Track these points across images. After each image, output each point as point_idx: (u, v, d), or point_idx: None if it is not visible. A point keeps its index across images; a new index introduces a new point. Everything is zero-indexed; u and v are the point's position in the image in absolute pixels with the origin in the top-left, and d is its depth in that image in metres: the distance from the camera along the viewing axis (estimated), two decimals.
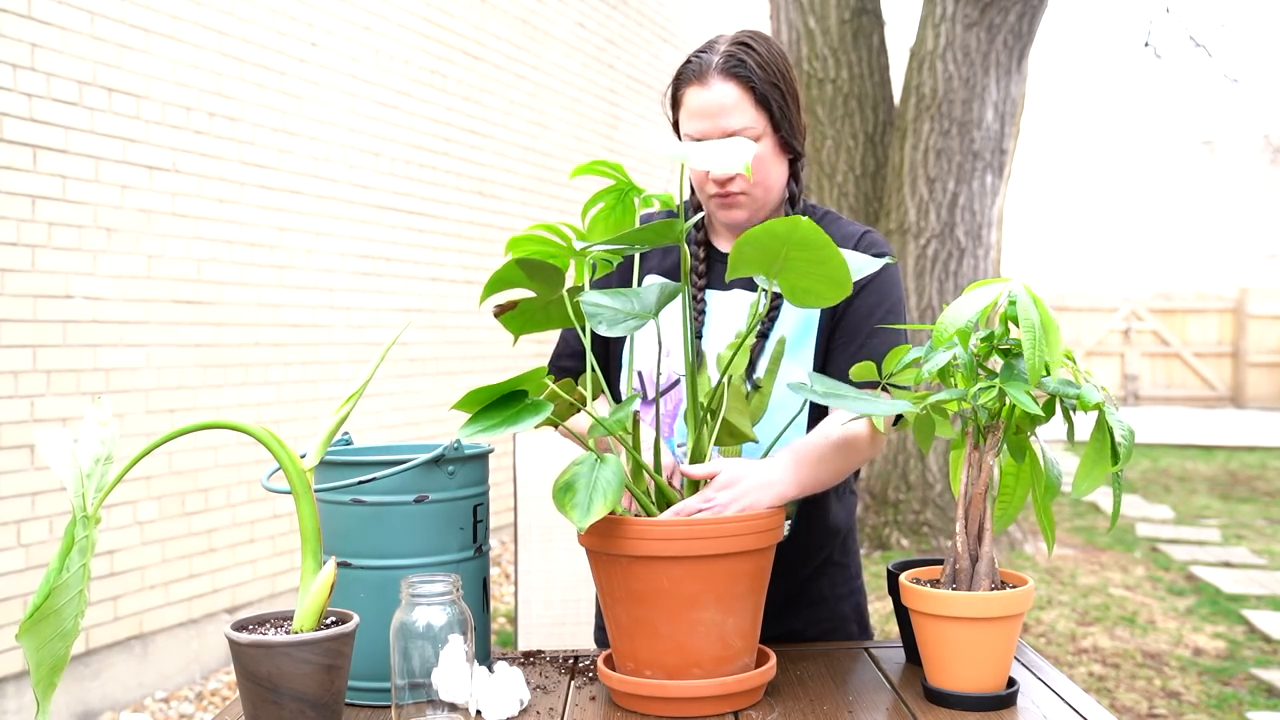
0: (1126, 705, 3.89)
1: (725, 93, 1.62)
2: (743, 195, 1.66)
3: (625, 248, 1.41)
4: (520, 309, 1.48)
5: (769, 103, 1.63)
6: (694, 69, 1.65)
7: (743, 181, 1.65)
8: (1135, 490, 8.91)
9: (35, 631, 1.04)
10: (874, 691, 1.44)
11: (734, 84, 1.62)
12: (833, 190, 6.59)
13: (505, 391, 1.37)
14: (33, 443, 3.65)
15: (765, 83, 1.63)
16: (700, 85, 1.63)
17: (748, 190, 1.66)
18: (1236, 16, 22.65)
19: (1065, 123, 25.68)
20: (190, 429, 1.16)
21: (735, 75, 1.62)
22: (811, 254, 1.26)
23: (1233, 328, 16.30)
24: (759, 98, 1.62)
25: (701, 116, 1.63)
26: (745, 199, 1.67)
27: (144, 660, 4.08)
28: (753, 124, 1.62)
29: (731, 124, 1.62)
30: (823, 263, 1.27)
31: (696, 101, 1.63)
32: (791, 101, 1.66)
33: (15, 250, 3.63)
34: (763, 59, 1.64)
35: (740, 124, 1.62)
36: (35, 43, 3.69)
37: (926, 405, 1.42)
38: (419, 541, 1.43)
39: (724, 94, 1.62)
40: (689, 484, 1.43)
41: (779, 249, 1.27)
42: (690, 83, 1.65)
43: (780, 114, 1.64)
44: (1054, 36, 31.43)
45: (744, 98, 1.62)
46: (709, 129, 1.63)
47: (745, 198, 1.67)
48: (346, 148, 5.20)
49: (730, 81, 1.62)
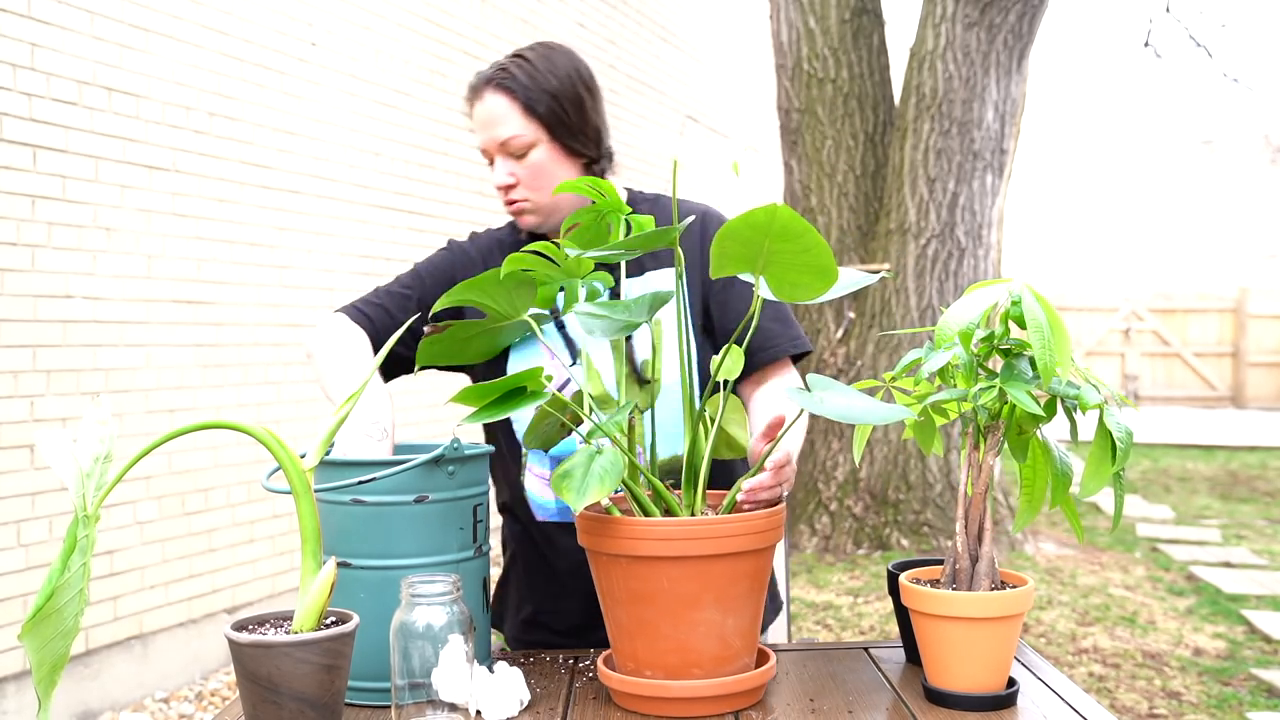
0: (1126, 705, 3.89)
1: (495, 104, 1.72)
2: (526, 202, 1.75)
3: (621, 253, 1.41)
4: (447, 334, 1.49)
5: (538, 111, 1.71)
6: (473, 84, 1.76)
7: (523, 189, 1.74)
8: (1135, 490, 8.91)
9: (37, 631, 1.04)
10: (874, 691, 1.44)
11: (502, 95, 1.72)
12: (833, 190, 6.59)
13: (504, 390, 1.37)
14: (33, 443, 3.65)
15: (536, 91, 1.71)
16: (476, 99, 1.75)
17: (529, 198, 1.74)
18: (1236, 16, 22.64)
19: (1065, 123, 25.68)
20: (190, 429, 1.16)
21: (503, 87, 1.72)
22: (793, 244, 1.23)
23: (1233, 328, 16.30)
24: (528, 107, 1.71)
25: (480, 128, 1.75)
26: (529, 204, 1.75)
27: (144, 660, 4.08)
28: (523, 132, 1.71)
29: (501, 133, 1.72)
30: (806, 251, 1.24)
31: (476, 114, 1.75)
32: (571, 107, 1.74)
33: (15, 250, 3.63)
34: (535, 69, 1.72)
35: (510, 133, 1.71)
36: (35, 42, 3.69)
37: (927, 408, 1.42)
38: (419, 541, 1.43)
39: (494, 105, 1.72)
40: (687, 485, 1.42)
41: (760, 241, 1.23)
42: (470, 98, 1.76)
43: (555, 121, 1.72)
44: (1054, 36, 31.43)
45: (511, 107, 1.71)
46: (486, 140, 1.74)
47: (529, 203, 1.75)
48: (346, 148, 5.20)
49: (498, 93, 1.72)
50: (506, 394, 1.38)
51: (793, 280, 1.29)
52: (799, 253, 1.24)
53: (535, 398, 1.36)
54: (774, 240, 1.23)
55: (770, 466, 1.42)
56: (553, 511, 1.78)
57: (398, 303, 1.80)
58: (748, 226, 1.22)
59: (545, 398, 1.36)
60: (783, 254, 1.25)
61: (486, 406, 1.37)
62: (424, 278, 1.83)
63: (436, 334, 1.48)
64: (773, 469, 1.42)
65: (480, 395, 1.38)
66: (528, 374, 1.37)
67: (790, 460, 1.46)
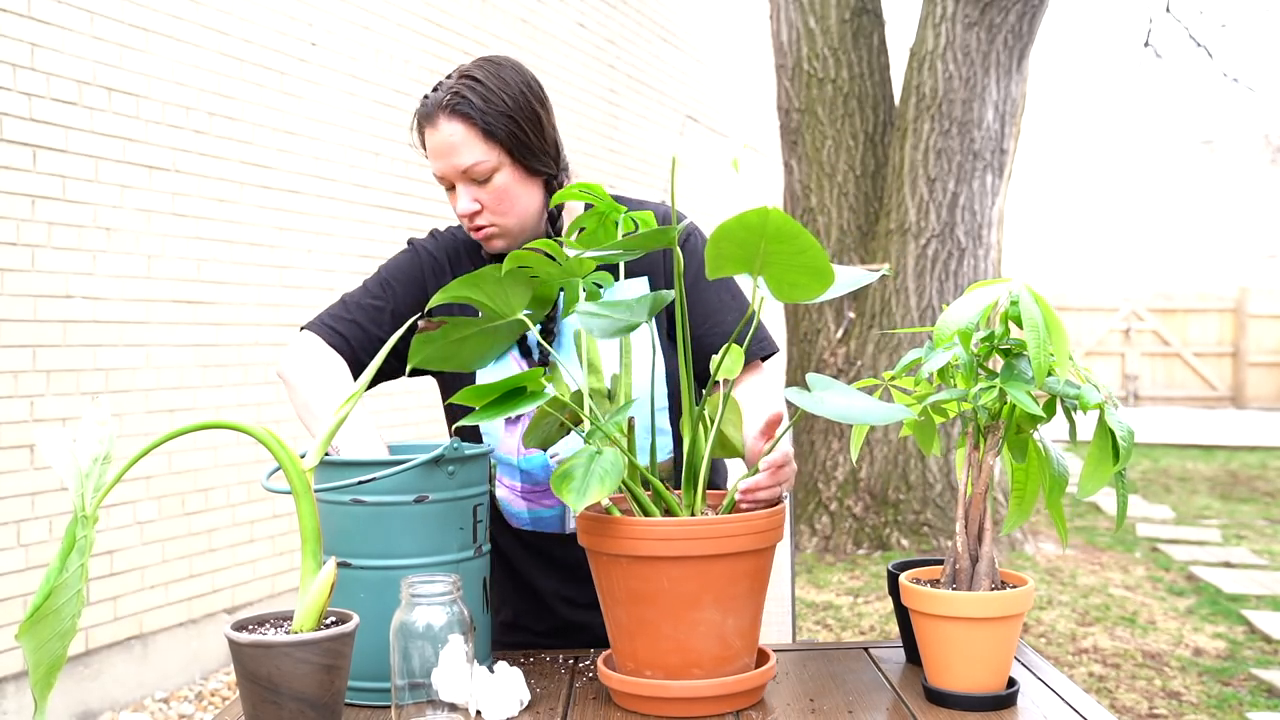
0: (1126, 705, 3.89)
1: (452, 131, 1.63)
2: (493, 227, 1.69)
3: (618, 254, 1.41)
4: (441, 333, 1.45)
5: (497, 134, 1.63)
6: (423, 110, 1.67)
7: (488, 215, 1.67)
8: (1135, 490, 8.91)
9: (35, 631, 1.04)
10: (874, 691, 1.44)
11: (459, 122, 1.63)
12: (833, 190, 6.59)
13: (504, 390, 1.37)
14: (33, 443, 3.65)
15: (492, 114, 1.63)
16: (431, 126, 1.66)
17: (496, 223, 1.68)
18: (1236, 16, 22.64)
19: (1065, 123, 25.68)
20: (190, 429, 1.16)
21: (459, 113, 1.63)
22: (789, 245, 1.22)
23: (1233, 328, 16.30)
24: (486, 131, 1.63)
25: (436, 156, 1.66)
26: (497, 229, 1.69)
27: (144, 660, 4.08)
28: (485, 157, 1.64)
29: (462, 161, 1.63)
30: (801, 253, 1.24)
31: (431, 143, 1.66)
32: (529, 126, 1.66)
33: (15, 250, 3.63)
34: (488, 91, 1.64)
35: (471, 159, 1.63)
36: (35, 42, 3.69)
37: (926, 408, 1.41)
38: (419, 541, 1.43)
39: (451, 133, 1.63)
40: (687, 485, 1.42)
41: (756, 243, 1.23)
42: (424, 125, 1.67)
43: (515, 143, 1.65)
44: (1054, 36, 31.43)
45: (470, 133, 1.63)
46: (444, 168, 1.65)
47: (496, 228, 1.69)
48: (346, 148, 5.20)
49: (455, 120, 1.63)
50: (507, 394, 1.38)
51: (791, 280, 1.28)
52: (795, 254, 1.23)
53: (535, 398, 1.36)
54: (770, 241, 1.22)
55: (765, 467, 1.42)
56: (525, 521, 1.78)
57: (370, 316, 1.74)
58: (742, 228, 1.21)
59: (545, 398, 1.36)
60: (779, 255, 1.24)
61: (487, 407, 1.37)
62: (393, 285, 1.77)
63: (430, 331, 1.45)
64: (769, 469, 1.42)
65: (480, 395, 1.38)
66: (528, 375, 1.37)
67: (789, 460, 1.46)
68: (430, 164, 1.69)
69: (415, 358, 1.46)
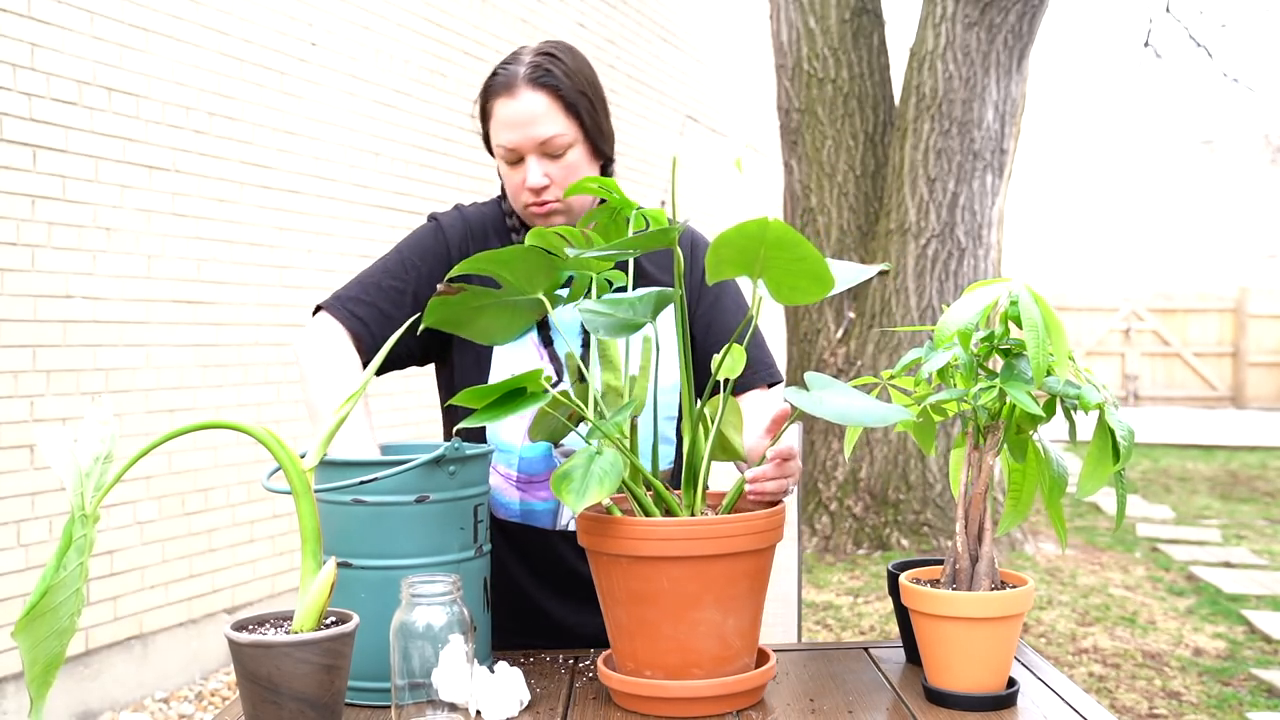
0: (1127, 705, 3.89)
1: (534, 102, 1.63)
2: (559, 203, 1.67)
3: (621, 253, 1.41)
4: (460, 299, 1.44)
5: (578, 110, 1.65)
6: (502, 81, 1.66)
7: (556, 190, 1.66)
8: (1135, 490, 8.91)
9: (31, 629, 1.03)
10: (874, 691, 1.44)
11: (543, 93, 1.64)
12: (833, 190, 6.59)
13: (504, 391, 1.37)
14: (33, 443, 3.65)
15: (573, 90, 1.65)
16: (509, 96, 1.65)
17: (563, 199, 1.67)
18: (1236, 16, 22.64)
19: (1065, 123, 25.68)
20: (190, 429, 1.16)
21: (543, 85, 1.64)
22: (789, 252, 1.24)
23: (1233, 328, 16.31)
24: (568, 105, 1.65)
25: (512, 127, 1.64)
26: (561, 205, 1.68)
27: (144, 660, 4.08)
28: (564, 130, 1.64)
29: (542, 132, 1.63)
30: (802, 259, 1.25)
31: (506, 112, 1.65)
32: (600, 109, 1.69)
33: (15, 250, 3.63)
34: (569, 68, 1.66)
35: (551, 131, 1.64)
36: (35, 42, 3.69)
37: (926, 408, 1.41)
38: (419, 541, 1.43)
39: (533, 103, 1.63)
40: (687, 485, 1.42)
41: (756, 249, 1.24)
42: (499, 95, 1.66)
43: (590, 121, 1.67)
44: (1054, 36, 31.43)
45: (553, 106, 1.64)
46: (520, 139, 1.64)
47: (560, 204, 1.68)
48: (346, 148, 5.20)
49: (539, 91, 1.64)
50: (507, 394, 1.38)
51: (791, 284, 1.29)
52: (795, 260, 1.25)
53: (536, 399, 1.36)
54: (770, 248, 1.23)
55: (772, 457, 1.42)
56: (515, 512, 1.74)
57: (391, 299, 1.70)
58: (742, 236, 1.22)
59: (545, 399, 1.36)
60: (779, 260, 1.25)
61: (488, 407, 1.37)
62: (417, 266, 1.73)
63: (449, 295, 1.43)
64: (775, 459, 1.42)
65: (481, 396, 1.38)
66: (528, 375, 1.37)
67: (794, 454, 1.46)
68: (500, 135, 1.66)
69: (430, 318, 1.46)
